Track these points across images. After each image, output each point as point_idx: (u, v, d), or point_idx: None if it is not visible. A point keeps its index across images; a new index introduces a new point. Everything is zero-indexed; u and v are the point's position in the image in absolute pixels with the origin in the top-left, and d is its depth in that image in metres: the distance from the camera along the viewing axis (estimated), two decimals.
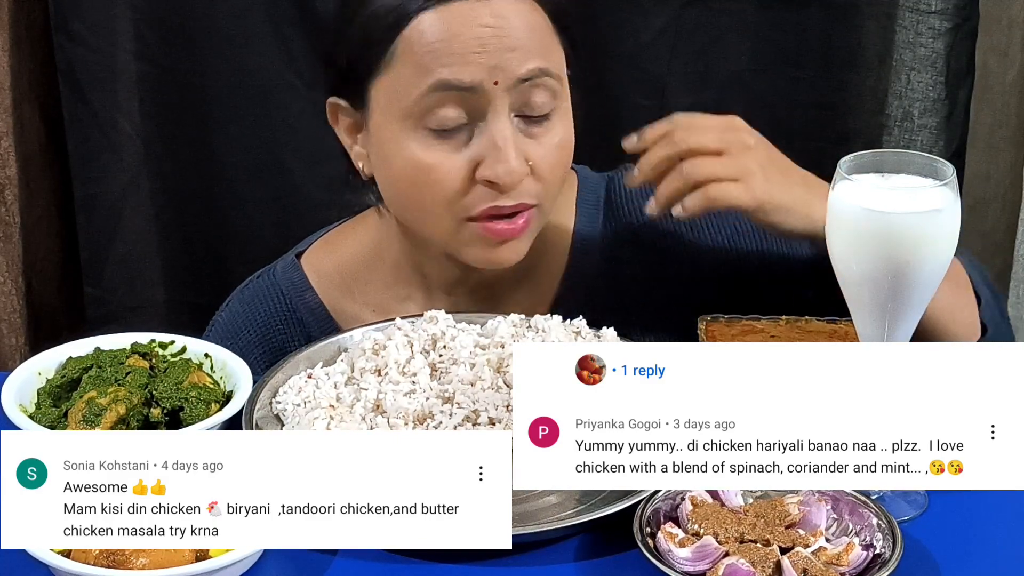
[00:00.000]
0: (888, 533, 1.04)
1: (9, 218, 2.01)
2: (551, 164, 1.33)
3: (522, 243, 1.35)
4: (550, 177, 1.33)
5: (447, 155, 1.30)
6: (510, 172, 1.29)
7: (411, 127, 1.31)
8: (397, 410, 1.17)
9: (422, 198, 1.33)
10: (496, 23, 1.28)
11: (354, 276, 1.47)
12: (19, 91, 2.00)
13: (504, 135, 1.29)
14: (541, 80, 1.30)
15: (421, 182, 1.32)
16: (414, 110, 1.30)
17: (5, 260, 2.01)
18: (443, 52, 1.28)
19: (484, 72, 1.28)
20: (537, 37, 1.31)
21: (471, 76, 1.28)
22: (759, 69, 2.03)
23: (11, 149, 1.99)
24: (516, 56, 1.29)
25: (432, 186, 1.31)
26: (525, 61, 1.29)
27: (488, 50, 1.28)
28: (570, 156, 1.36)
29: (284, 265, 1.49)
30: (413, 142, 1.31)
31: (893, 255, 1.06)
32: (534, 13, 1.31)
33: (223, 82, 2.06)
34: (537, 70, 1.30)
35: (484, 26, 1.28)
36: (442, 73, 1.28)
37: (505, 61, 1.28)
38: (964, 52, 1.97)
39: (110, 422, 1.16)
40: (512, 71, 1.29)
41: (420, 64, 1.29)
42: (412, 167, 1.31)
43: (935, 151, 2.00)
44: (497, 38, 1.28)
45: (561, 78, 1.33)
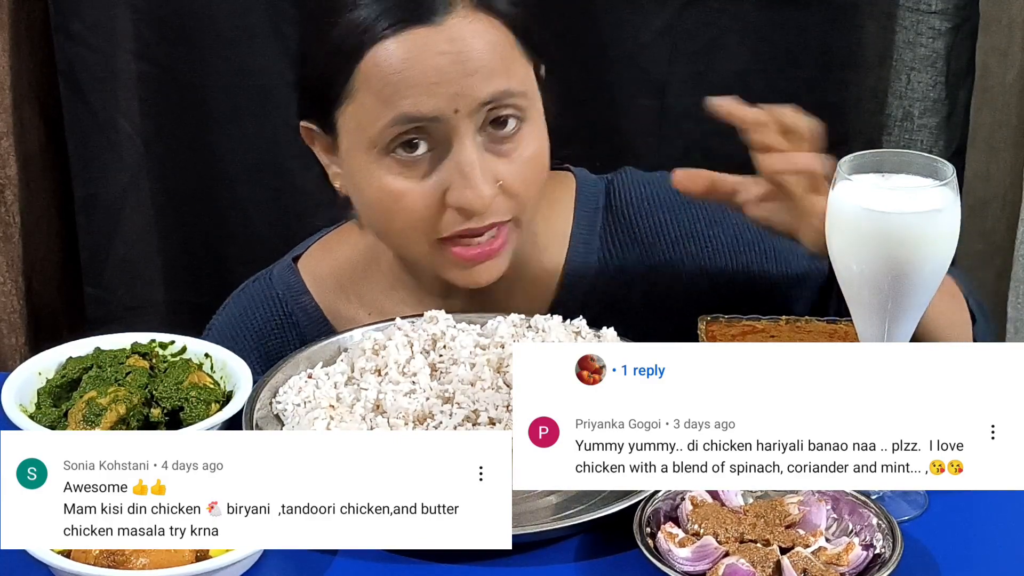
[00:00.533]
0: (888, 533, 1.04)
1: (9, 218, 2.01)
2: (523, 179, 1.32)
3: (500, 261, 1.34)
4: (523, 192, 1.32)
5: (416, 182, 1.30)
6: (479, 197, 1.28)
7: (377, 156, 1.30)
8: (397, 410, 1.17)
9: (394, 223, 1.33)
10: (453, 48, 1.26)
11: (350, 280, 1.47)
12: (19, 91, 2.00)
13: (470, 161, 1.28)
14: (504, 100, 1.29)
15: (392, 209, 1.32)
16: (378, 141, 1.29)
17: (5, 260, 2.01)
18: (401, 84, 1.27)
19: (444, 101, 1.27)
20: (498, 57, 1.29)
21: (431, 108, 1.27)
22: (759, 69, 2.03)
23: (11, 149, 1.99)
24: (476, 80, 1.27)
25: (403, 212, 1.31)
26: (486, 85, 1.27)
27: (447, 78, 1.26)
28: (545, 165, 1.35)
29: (280, 269, 1.49)
30: (381, 170, 1.31)
31: (893, 255, 1.06)
32: (493, 31, 1.29)
33: (223, 82, 2.06)
34: (500, 92, 1.28)
35: (441, 53, 1.26)
36: (402, 106, 1.27)
37: (465, 87, 1.27)
38: (964, 52, 1.97)
39: (110, 422, 1.16)
40: (473, 96, 1.27)
41: (380, 96, 1.28)
42: (382, 194, 1.32)
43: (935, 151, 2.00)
44: (455, 64, 1.26)
45: (526, 93, 1.31)
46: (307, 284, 1.47)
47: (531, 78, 1.33)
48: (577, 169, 1.50)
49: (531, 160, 1.32)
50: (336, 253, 1.49)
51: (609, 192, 1.47)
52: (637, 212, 1.45)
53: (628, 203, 1.45)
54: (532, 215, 1.37)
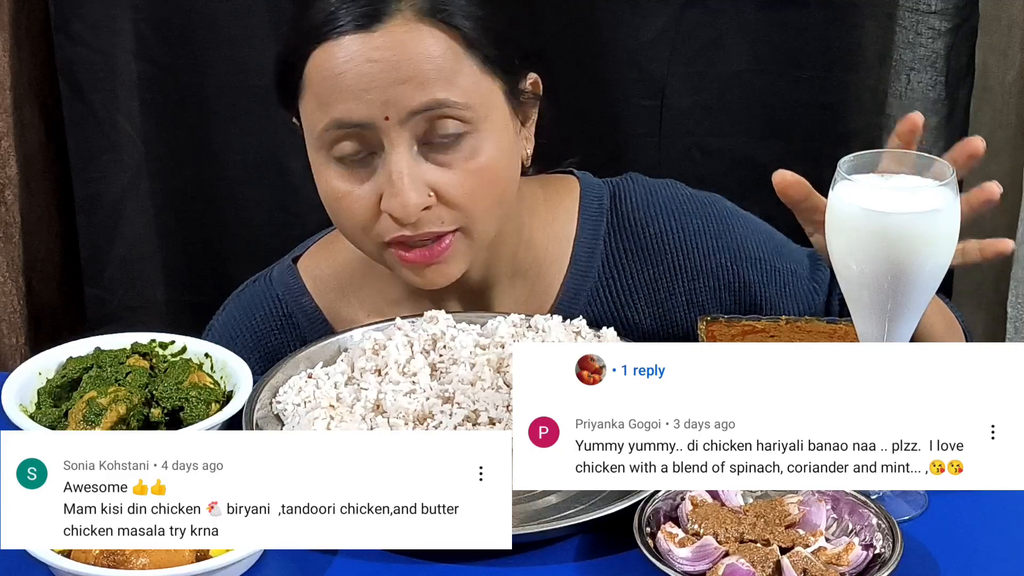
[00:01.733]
0: (888, 533, 1.04)
1: (9, 218, 2.01)
2: (466, 189, 1.30)
3: (449, 266, 1.33)
4: (466, 202, 1.31)
5: (355, 185, 1.31)
6: (404, 206, 1.28)
7: (323, 158, 1.32)
8: (397, 410, 1.17)
9: (343, 223, 1.35)
10: (384, 56, 1.26)
11: (350, 280, 1.47)
12: (19, 91, 2.00)
13: (399, 169, 1.28)
14: (440, 110, 1.28)
15: (336, 210, 1.34)
16: (321, 143, 1.31)
17: (5, 260, 2.01)
18: (334, 90, 1.27)
19: (374, 108, 1.27)
20: (436, 66, 1.27)
21: (361, 114, 1.27)
22: (759, 69, 2.03)
23: (11, 149, 1.99)
24: (408, 88, 1.26)
25: (345, 213, 1.33)
26: (420, 93, 1.27)
27: (376, 85, 1.26)
28: (497, 180, 1.33)
29: (280, 270, 1.49)
30: (328, 170, 1.32)
31: (893, 255, 1.06)
32: (435, 41, 1.28)
33: (223, 82, 2.06)
34: (434, 101, 1.27)
35: (370, 61, 1.26)
36: (336, 111, 1.28)
37: (396, 95, 1.26)
38: (964, 52, 1.97)
39: (110, 422, 1.16)
40: (403, 104, 1.27)
41: (319, 99, 1.29)
42: (329, 195, 1.33)
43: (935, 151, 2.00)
44: (385, 72, 1.26)
45: (472, 106, 1.29)
46: (307, 285, 1.47)
47: (486, 90, 1.31)
48: (581, 173, 1.50)
49: (478, 171, 1.30)
50: (336, 254, 1.49)
51: (614, 197, 1.47)
52: (643, 219, 1.45)
53: (635, 209, 1.45)
54: (496, 225, 1.35)
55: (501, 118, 1.33)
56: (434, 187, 1.29)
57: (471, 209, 1.31)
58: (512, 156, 1.35)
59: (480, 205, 1.32)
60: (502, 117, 1.33)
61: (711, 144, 2.07)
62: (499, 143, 1.32)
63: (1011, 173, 1.94)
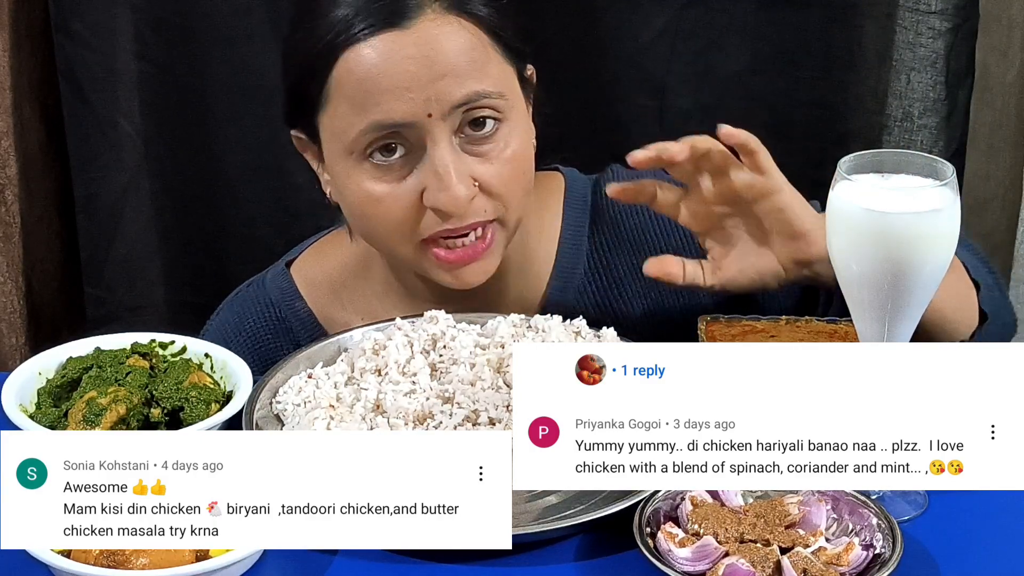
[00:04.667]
0: (888, 533, 1.04)
1: (9, 218, 2.01)
2: (504, 179, 1.31)
3: (487, 262, 1.34)
4: (505, 191, 1.32)
5: (394, 185, 1.30)
6: (454, 200, 1.28)
7: (356, 161, 1.30)
8: (397, 410, 1.17)
9: (377, 227, 1.34)
10: (422, 52, 1.26)
11: (343, 284, 1.47)
12: (19, 91, 2.00)
13: (444, 163, 1.28)
14: (479, 102, 1.28)
15: (372, 213, 1.32)
16: (355, 147, 1.29)
17: (5, 260, 2.01)
18: (373, 91, 1.26)
19: (417, 106, 1.26)
20: (470, 58, 1.28)
21: (403, 113, 1.27)
22: (759, 69, 2.03)
23: (11, 149, 1.99)
24: (448, 83, 1.26)
25: (383, 216, 1.32)
26: (459, 87, 1.27)
27: (418, 83, 1.26)
28: (528, 164, 1.35)
29: (274, 274, 1.49)
30: (360, 174, 1.31)
31: (893, 255, 1.06)
32: (464, 33, 1.28)
33: (223, 82, 2.05)
34: (473, 94, 1.28)
35: (410, 58, 1.26)
36: (375, 113, 1.27)
37: (437, 91, 1.26)
38: (964, 52, 1.97)
39: (110, 422, 1.16)
40: (446, 100, 1.27)
41: (353, 103, 1.28)
42: (363, 199, 1.32)
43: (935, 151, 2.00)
44: (425, 68, 1.26)
45: (504, 94, 1.30)
46: (300, 289, 1.47)
47: (510, 78, 1.33)
48: (567, 169, 1.50)
49: (512, 159, 1.32)
50: (329, 258, 1.49)
51: (596, 192, 1.47)
52: (621, 211, 1.45)
53: (613, 203, 1.45)
54: (521, 214, 1.36)
55: (521, 106, 1.35)
56: (476, 178, 1.30)
57: (508, 198, 1.32)
58: (531, 143, 1.36)
59: (515, 193, 1.33)
60: (521, 105, 1.35)
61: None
62: (524, 131, 1.34)
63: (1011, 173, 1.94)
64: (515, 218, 1.35)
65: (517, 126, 1.33)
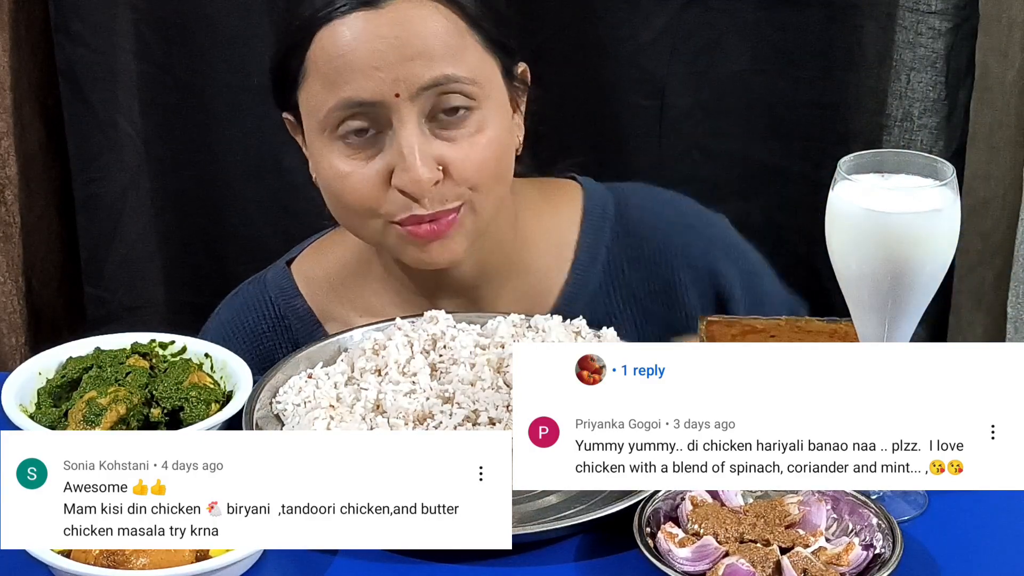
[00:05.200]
0: (888, 533, 1.04)
1: (9, 218, 2.01)
2: (473, 164, 1.31)
3: (454, 242, 1.34)
4: (474, 177, 1.32)
5: (362, 164, 1.31)
6: (417, 181, 1.28)
7: (328, 139, 1.32)
8: (397, 410, 1.17)
9: (344, 205, 1.35)
10: (393, 32, 1.27)
11: (342, 282, 1.47)
12: (19, 91, 1.99)
13: (410, 144, 1.28)
14: (449, 86, 1.29)
15: (340, 190, 1.33)
16: (326, 124, 1.31)
17: (5, 260, 2.01)
18: (343, 68, 1.28)
19: (385, 85, 1.27)
20: (443, 42, 1.29)
21: (371, 92, 1.28)
22: (759, 69, 2.03)
23: (11, 149, 1.99)
24: (417, 65, 1.27)
25: (351, 194, 1.32)
26: (428, 69, 1.28)
27: (387, 62, 1.27)
28: (502, 155, 1.35)
29: (274, 272, 1.49)
30: (331, 152, 1.32)
31: (893, 255, 1.06)
32: (440, 17, 1.29)
33: (223, 82, 2.05)
34: (442, 76, 1.28)
35: (381, 38, 1.27)
36: (345, 90, 1.28)
37: (406, 72, 1.27)
38: (964, 52, 1.97)
39: (110, 422, 1.16)
40: (413, 81, 1.28)
41: (325, 80, 1.29)
42: (333, 176, 1.33)
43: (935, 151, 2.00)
44: (395, 48, 1.27)
45: (478, 81, 1.31)
46: (299, 287, 1.47)
47: (489, 68, 1.33)
48: (583, 179, 1.50)
49: (484, 145, 1.32)
50: (328, 256, 1.49)
51: (620, 204, 1.47)
52: (648, 230, 1.45)
53: (640, 219, 1.45)
54: (495, 204, 1.36)
55: (500, 97, 1.35)
56: (442, 162, 1.30)
57: (477, 183, 1.32)
58: (510, 135, 1.37)
59: (485, 179, 1.33)
60: (501, 96, 1.35)
61: (711, 144, 2.07)
62: (500, 120, 1.34)
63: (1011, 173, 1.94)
64: (487, 206, 1.34)
65: (493, 115, 1.33)
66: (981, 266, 1.99)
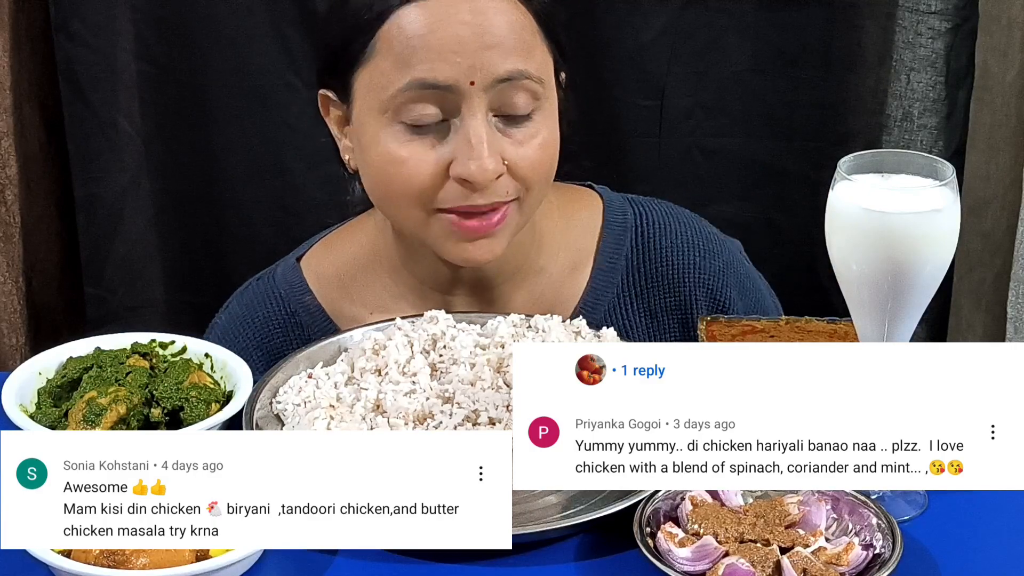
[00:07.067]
0: (888, 533, 1.04)
1: (9, 218, 2.01)
2: (531, 163, 1.32)
3: (496, 241, 1.34)
4: (530, 176, 1.32)
5: (422, 150, 1.30)
6: (483, 170, 1.28)
7: (388, 120, 1.30)
8: (397, 410, 1.17)
9: (395, 191, 1.33)
10: (475, 20, 1.27)
11: (352, 278, 1.47)
12: (19, 91, 2.00)
13: (479, 134, 1.28)
14: (520, 82, 1.29)
15: (393, 175, 1.32)
16: (391, 104, 1.30)
17: (5, 260, 2.01)
18: (420, 49, 1.27)
19: (461, 71, 1.27)
20: (518, 37, 1.29)
21: (447, 75, 1.27)
22: (759, 69, 2.03)
23: (11, 149, 1.99)
24: (494, 55, 1.27)
25: (404, 180, 1.31)
26: (503, 61, 1.28)
27: (466, 49, 1.27)
28: (553, 157, 1.35)
29: (284, 268, 1.49)
30: (389, 135, 1.31)
31: (893, 255, 1.06)
32: (516, 12, 1.30)
33: (223, 82, 2.06)
34: (516, 71, 1.29)
35: (463, 23, 1.27)
36: (419, 71, 1.27)
37: (483, 60, 1.27)
38: (964, 52, 1.97)
39: (110, 422, 1.16)
40: (489, 71, 1.28)
41: (398, 59, 1.28)
42: (386, 160, 1.31)
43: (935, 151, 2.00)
44: (475, 36, 1.27)
45: (543, 80, 1.31)
46: (309, 283, 1.47)
47: (548, 68, 1.34)
48: (601, 188, 1.50)
49: (540, 147, 1.32)
50: (339, 251, 1.49)
51: (640, 217, 1.47)
52: (668, 248, 1.45)
53: (661, 236, 1.45)
54: (536, 204, 1.36)
55: (554, 99, 1.35)
56: (504, 157, 1.30)
57: (531, 182, 1.33)
58: (557, 139, 1.36)
59: (538, 180, 1.33)
60: (554, 99, 1.35)
61: (711, 144, 2.07)
62: (553, 123, 1.35)
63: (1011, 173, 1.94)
64: (532, 204, 1.35)
65: (549, 116, 1.34)
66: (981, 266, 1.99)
